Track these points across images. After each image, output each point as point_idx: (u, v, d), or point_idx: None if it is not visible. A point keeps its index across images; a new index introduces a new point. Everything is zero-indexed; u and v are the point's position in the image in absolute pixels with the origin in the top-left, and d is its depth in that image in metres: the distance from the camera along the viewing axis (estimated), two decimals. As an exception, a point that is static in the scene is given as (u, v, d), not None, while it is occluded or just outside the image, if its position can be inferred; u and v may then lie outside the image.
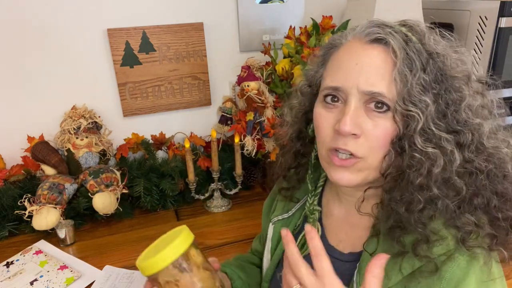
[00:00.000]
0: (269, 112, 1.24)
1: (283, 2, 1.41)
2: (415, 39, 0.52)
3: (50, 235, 1.13)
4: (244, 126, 1.26)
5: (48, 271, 0.99)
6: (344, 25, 1.28)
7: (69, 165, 1.24)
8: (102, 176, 1.18)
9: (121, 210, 1.18)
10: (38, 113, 1.27)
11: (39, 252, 1.06)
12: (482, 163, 0.51)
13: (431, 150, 0.49)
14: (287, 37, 1.27)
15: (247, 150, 1.24)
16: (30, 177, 1.25)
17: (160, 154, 1.41)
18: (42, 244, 1.11)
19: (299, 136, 0.66)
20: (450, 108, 0.51)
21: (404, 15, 0.54)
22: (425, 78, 0.50)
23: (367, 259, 0.55)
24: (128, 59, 1.29)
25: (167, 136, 1.41)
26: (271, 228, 0.72)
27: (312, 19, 1.27)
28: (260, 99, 1.24)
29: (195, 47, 1.35)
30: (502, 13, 1.13)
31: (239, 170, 1.28)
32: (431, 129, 0.50)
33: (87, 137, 1.24)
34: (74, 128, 1.24)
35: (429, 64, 0.51)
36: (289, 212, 0.71)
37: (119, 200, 1.17)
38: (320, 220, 0.67)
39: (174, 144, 1.41)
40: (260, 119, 1.24)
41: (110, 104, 1.34)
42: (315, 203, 0.67)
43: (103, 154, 1.28)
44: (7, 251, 1.08)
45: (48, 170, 1.22)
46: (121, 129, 1.37)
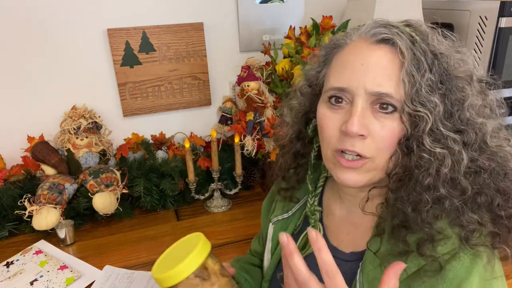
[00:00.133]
0: (269, 112, 1.24)
1: (283, 2, 1.41)
2: (419, 39, 0.52)
3: (50, 235, 1.13)
4: (244, 126, 1.26)
5: (48, 271, 0.99)
6: (344, 25, 1.28)
7: (69, 165, 1.24)
8: (102, 176, 1.18)
9: (121, 210, 1.18)
10: (38, 113, 1.27)
11: (39, 252, 1.06)
12: (486, 162, 0.51)
13: (439, 150, 0.49)
14: (287, 37, 1.27)
15: (247, 150, 1.24)
16: (30, 177, 1.25)
17: (160, 154, 1.41)
18: (42, 244, 1.11)
19: (299, 136, 0.66)
20: (454, 108, 0.51)
21: (404, 15, 0.54)
22: (432, 78, 0.50)
23: (370, 258, 0.55)
24: (128, 59, 1.29)
25: (167, 136, 1.41)
26: (271, 228, 0.72)
27: (312, 19, 1.27)
28: (260, 99, 1.24)
29: (195, 47, 1.35)
30: (502, 13, 1.13)
31: (239, 170, 1.28)
32: (439, 129, 0.50)
33: (87, 137, 1.24)
34: (74, 128, 1.24)
35: (434, 65, 0.51)
36: (289, 212, 0.71)
37: (119, 200, 1.17)
38: (320, 220, 0.66)
39: (174, 144, 1.41)
40: (260, 119, 1.24)
41: (110, 104, 1.34)
42: (316, 203, 0.67)
43: (103, 154, 1.28)
44: (7, 251, 1.08)
45: (48, 170, 1.22)
46: (121, 129, 1.37)
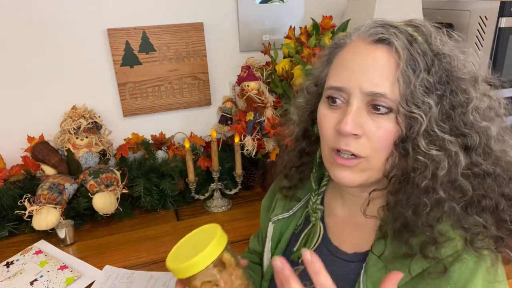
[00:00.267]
0: (269, 112, 1.24)
1: (283, 2, 1.41)
2: (421, 39, 0.51)
3: (50, 235, 1.13)
4: (244, 126, 1.26)
5: (48, 271, 0.99)
6: (344, 25, 1.28)
7: (69, 165, 1.24)
8: (102, 176, 1.18)
9: (121, 210, 1.18)
10: (38, 113, 1.27)
11: (39, 252, 1.06)
12: (490, 167, 0.51)
13: (435, 153, 0.49)
14: (287, 37, 1.27)
15: (247, 150, 1.24)
16: (30, 177, 1.25)
17: (160, 154, 1.41)
18: (42, 244, 1.11)
19: (305, 134, 0.66)
20: (457, 110, 0.50)
21: (404, 15, 0.54)
22: (429, 79, 0.49)
23: (373, 260, 0.55)
24: (128, 59, 1.29)
25: (167, 136, 1.41)
26: (271, 227, 0.72)
27: (312, 19, 1.27)
28: (260, 99, 1.24)
29: (195, 47, 1.35)
30: (502, 13, 1.13)
31: (239, 170, 1.28)
32: (434, 131, 0.49)
33: (87, 137, 1.24)
34: (74, 128, 1.24)
35: (434, 65, 0.50)
36: (289, 212, 0.70)
37: (119, 200, 1.17)
38: (322, 220, 0.66)
39: (174, 144, 1.41)
40: (260, 119, 1.24)
41: (110, 104, 1.34)
42: (318, 202, 0.67)
43: (103, 154, 1.28)
44: (7, 251, 1.08)
45: (48, 170, 1.22)
46: (121, 129, 1.37)
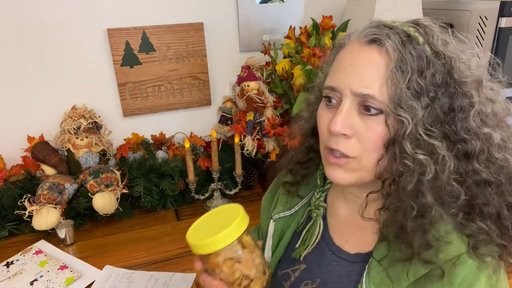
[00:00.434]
0: (269, 112, 1.24)
1: (283, 2, 1.41)
2: (421, 39, 0.51)
3: (50, 235, 1.13)
4: (244, 126, 1.26)
5: (48, 271, 0.99)
6: (344, 25, 1.28)
7: (69, 165, 1.24)
8: (102, 176, 1.18)
9: (121, 210, 1.18)
10: (38, 113, 1.27)
11: (39, 252, 1.06)
12: (492, 175, 0.50)
13: (422, 157, 0.48)
14: (287, 37, 1.27)
15: (247, 150, 1.24)
16: (30, 177, 1.25)
17: (160, 154, 1.41)
18: (42, 244, 1.11)
19: (314, 131, 0.66)
20: (458, 115, 0.50)
21: (404, 15, 0.54)
22: (420, 82, 0.48)
23: (376, 262, 0.55)
24: (128, 59, 1.29)
25: (167, 136, 1.41)
26: (272, 225, 0.71)
27: (312, 19, 1.27)
28: (260, 99, 1.24)
29: (195, 47, 1.35)
30: (502, 13, 1.13)
31: (239, 170, 1.28)
32: (420, 135, 0.48)
33: (87, 137, 1.24)
34: (74, 128, 1.24)
35: (429, 67, 0.49)
36: (291, 210, 0.70)
37: (119, 200, 1.17)
38: (324, 219, 0.66)
39: (174, 144, 1.41)
40: (260, 119, 1.24)
41: (110, 104, 1.34)
42: (322, 199, 0.67)
43: (103, 154, 1.28)
44: (7, 251, 1.08)
45: (48, 170, 1.22)
46: (121, 129, 1.37)
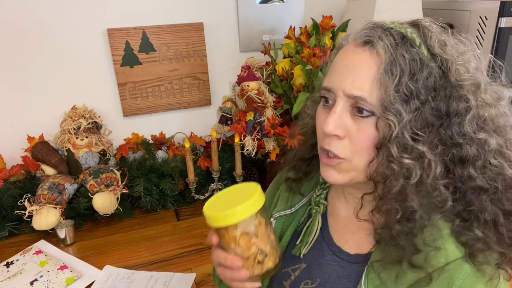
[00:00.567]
0: (269, 112, 1.24)
1: (283, 2, 1.41)
2: (418, 40, 0.50)
3: (50, 235, 1.13)
4: (244, 126, 1.26)
5: (48, 271, 0.99)
6: (344, 25, 1.28)
7: (69, 165, 1.24)
8: (102, 176, 1.18)
9: (121, 210, 1.18)
10: (38, 113, 1.27)
11: (39, 252, 1.06)
12: (487, 181, 0.50)
13: (407, 161, 0.48)
14: (287, 37, 1.27)
15: (247, 150, 1.24)
16: (30, 177, 1.25)
17: (160, 154, 1.41)
18: (42, 244, 1.11)
19: None
20: (454, 119, 0.49)
21: (404, 15, 0.54)
22: (410, 85, 0.48)
23: (376, 264, 0.55)
24: (128, 59, 1.29)
25: (167, 136, 1.41)
26: (272, 223, 0.71)
27: (312, 19, 1.27)
28: (260, 99, 1.24)
29: (195, 47, 1.35)
30: (502, 13, 1.13)
31: (239, 170, 1.28)
32: (406, 139, 0.48)
33: (87, 137, 1.24)
34: (74, 128, 1.24)
35: (423, 70, 0.48)
36: (292, 209, 0.70)
37: (119, 200, 1.17)
38: (325, 218, 0.66)
39: (174, 144, 1.41)
40: (260, 119, 1.24)
41: (110, 104, 1.34)
42: (322, 196, 0.67)
43: (103, 154, 1.28)
44: (7, 251, 1.08)
45: (48, 170, 1.22)
46: (121, 129, 1.37)
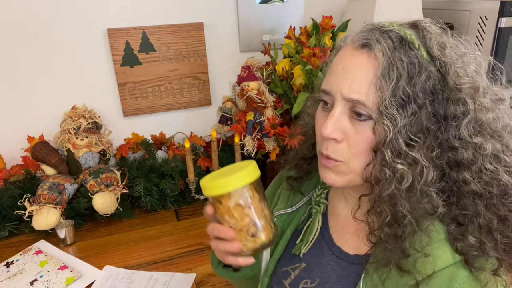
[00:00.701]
0: (269, 112, 1.24)
1: (283, 2, 1.41)
2: (417, 43, 0.49)
3: (50, 235, 1.13)
4: (244, 126, 1.26)
5: (48, 271, 0.99)
6: (344, 25, 1.28)
7: (69, 165, 1.24)
8: (102, 176, 1.18)
9: (121, 210, 1.18)
10: (38, 113, 1.27)
11: (39, 252, 1.06)
12: (481, 186, 0.50)
13: (399, 166, 0.48)
14: (287, 37, 1.27)
15: (247, 150, 1.24)
16: (30, 177, 1.25)
17: (160, 154, 1.41)
18: (42, 244, 1.11)
19: None
20: (450, 123, 0.49)
21: (404, 15, 0.54)
22: (407, 89, 0.47)
23: (370, 265, 0.55)
24: (128, 59, 1.29)
25: (167, 136, 1.41)
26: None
27: (312, 19, 1.27)
28: (260, 99, 1.24)
29: (195, 47, 1.35)
30: (502, 13, 1.13)
31: (239, 170, 1.27)
32: (400, 144, 0.48)
33: (87, 137, 1.24)
34: (74, 128, 1.24)
35: (421, 74, 0.48)
36: (292, 207, 0.70)
37: (119, 200, 1.17)
38: (326, 218, 0.66)
39: (174, 144, 1.41)
40: (260, 119, 1.24)
41: (110, 104, 1.34)
42: (323, 195, 0.67)
43: (103, 154, 1.28)
44: (7, 251, 1.08)
45: (48, 170, 1.22)
46: (121, 129, 1.37)
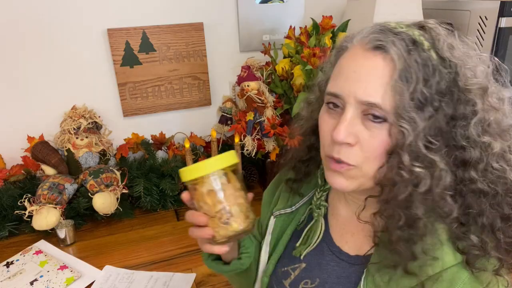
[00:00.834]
0: (269, 112, 1.24)
1: (283, 2, 1.41)
2: (427, 44, 0.49)
3: (50, 235, 1.13)
4: (244, 126, 1.26)
5: (48, 271, 0.99)
6: (344, 25, 1.28)
7: (69, 165, 1.24)
8: (102, 176, 1.18)
9: (121, 210, 1.18)
10: (38, 113, 1.27)
11: (39, 252, 1.06)
12: (487, 185, 0.49)
13: (418, 170, 0.48)
14: (287, 37, 1.27)
15: (247, 150, 1.24)
16: (30, 177, 1.25)
17: (160, 154, 1.41)
18: (42, 244, 1.11)
19: (315, 130, 0.64)
20: (458, 122, 0.49)
21: (404, 15, 0.53)
22: (424, 91, 0.47)
23: (372, 266, 0.55)
24: (128, 59, 1.29)
25: (167, 136, 1.41)
26: (272, 221, 0.71)
27: (312, 19, 1.27)
28: (260, 99, 1.24)
29: (195, 47, 1.35)
30: (502, 13, 1.13)
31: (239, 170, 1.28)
32: (419, 148, 0.47)
33: (87, 137, 1.24)
34: (74, 128, 1.24)
35: (434, 75, 0.48)
36: (292, 207, 0.69)
37: (119, 200, 1.17)
38: (326, 218, 0.66)
39: (174, 144, 1.41)
40: (260, 119, 1.24)
41: (110, 104, 1.34)
42: (323, 198, 0.66)
43: (103, 154, 1.28)
44: (7, 251, 1.08)
45: (48, 170, 1.22)
46: (121, 129, 1.37)
